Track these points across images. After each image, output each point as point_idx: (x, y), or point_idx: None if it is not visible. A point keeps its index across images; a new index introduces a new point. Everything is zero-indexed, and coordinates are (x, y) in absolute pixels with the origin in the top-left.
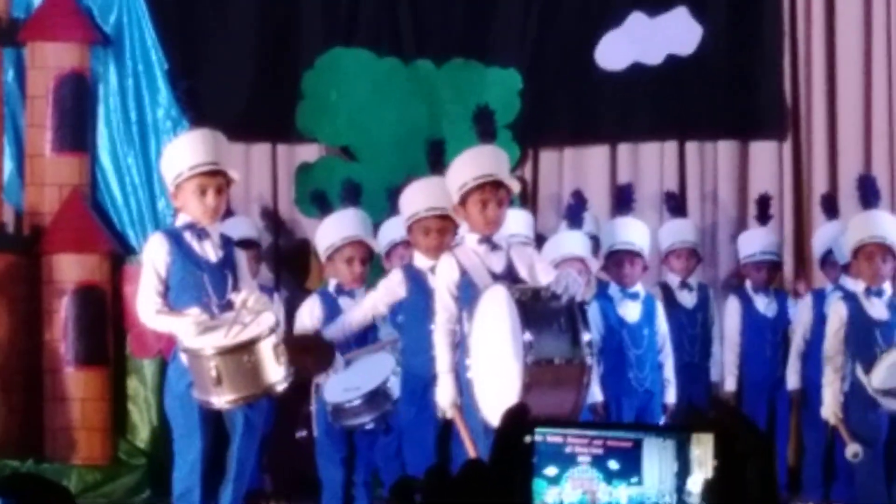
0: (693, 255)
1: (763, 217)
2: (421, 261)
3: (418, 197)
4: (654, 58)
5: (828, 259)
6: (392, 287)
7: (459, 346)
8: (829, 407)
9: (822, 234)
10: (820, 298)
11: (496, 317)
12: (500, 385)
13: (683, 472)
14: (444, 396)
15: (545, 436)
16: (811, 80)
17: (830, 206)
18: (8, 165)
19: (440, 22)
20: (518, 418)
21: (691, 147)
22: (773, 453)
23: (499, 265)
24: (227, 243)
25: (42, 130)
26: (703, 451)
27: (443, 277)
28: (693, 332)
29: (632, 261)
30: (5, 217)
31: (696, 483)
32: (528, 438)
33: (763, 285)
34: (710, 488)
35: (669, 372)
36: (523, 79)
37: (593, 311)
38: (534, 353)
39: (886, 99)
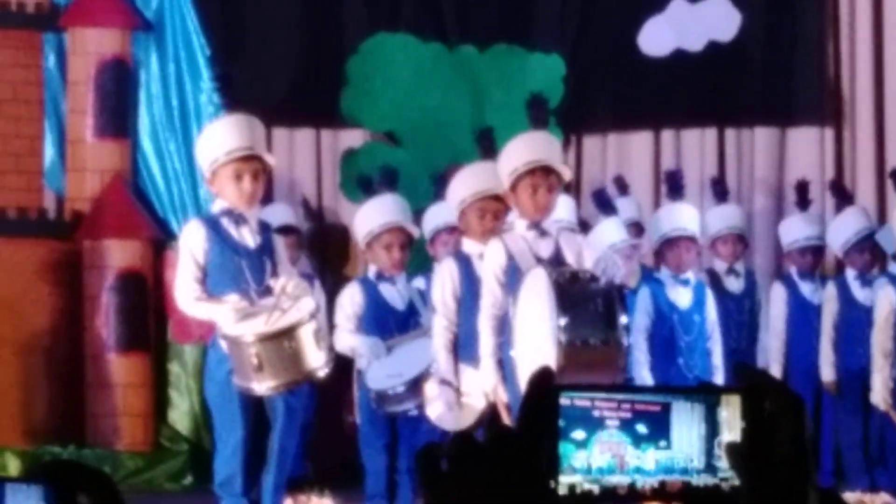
0: (740, 241)
1: (803, 203)
2: (469, 246)
3: (471, 181)
4: (695, 44)
5: (855, 247)
6: (452, 278)
7: (505, 327)
8: (879, 393)
9: (845, 222)
10: (845, 286)
11: (536, 298)
12: (538, 366)
13: (712, 434)
14: (486, 380)
15: (573, 399)
16: (855, 65)
17: (842, 195)
18: (49, 151)
19: (483, 6)
20: (543, 383)
21: (730, 133)
22: (804, 412)
23: (546, 251)
24: (265, 229)
25: (83, 116)
26: (731, 413)
27: (490, 263)
28: (740, 319)
29: (688, 247)
30: (47, 202)
31: (723, 447)
32: (554, 401)
33: (809, 271)
34: (738, 450)
35: (718, 359)
36: (566, 64)
37: (644, 297)
38: (569, 334)
39: None
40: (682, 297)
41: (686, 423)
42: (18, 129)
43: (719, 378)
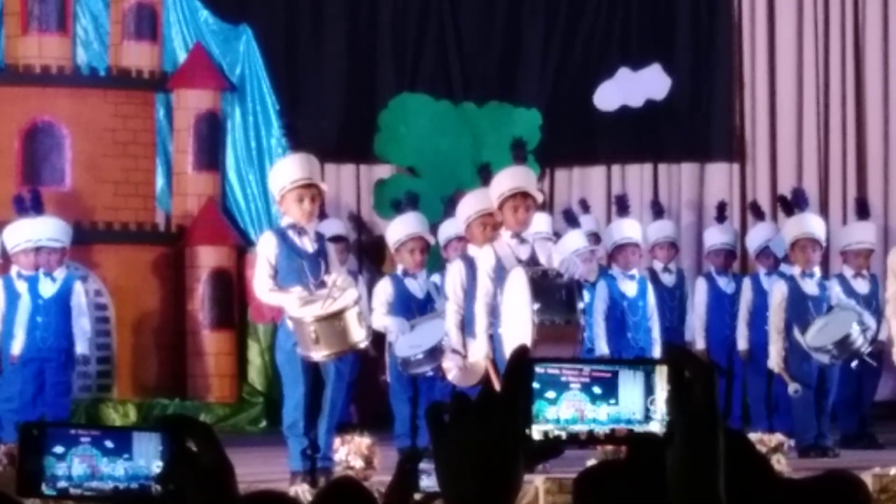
0: (672, 247)
1: (720, 217)
2: (473, 250)
3: (475, 203)
4: (636, 101)
5: (763, 251)
6: (460, 275)
7: (495, 312)
8: (774, 359)
9: (757, 233)
10: (756, 280)
11: (517, 290)
12: (518, 340)
13: (648, 394)
14: (480, 351)
15: (546, 368)
16: (756, 116)
17: (757, 213)
18: (160, 181)
19: (481, 74)
20: (521, 357)
21: (662, 168)
22: (714, 377)
23: (524, 254)
24: (320, 238)
25: (185, 154)
26: (661, 379)
27: (483, 263)
28: (672, 305)
29: (633, 251)
30: (158, 219)
31: (656, 403)
32: (529, 371)
33: (724, 269)
34: (666, 407)
35: (656, 333)
36: (542, 116)
37: (601, 288)
38: (540, 316)
39: (815, 130)
40: (629, 288)
41: (629, 386)
42: (137, 164)
43: (657, 348)
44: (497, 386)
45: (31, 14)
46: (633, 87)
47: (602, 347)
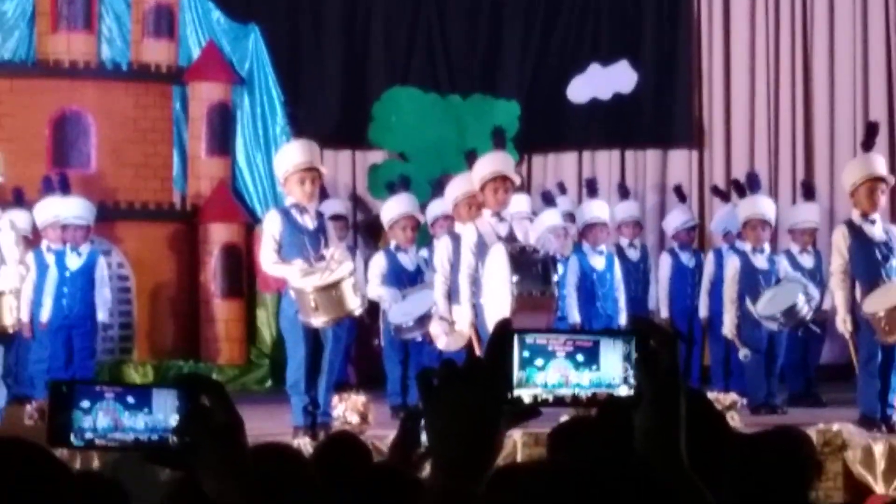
0: (637, 225)
1: (681, 198)
2: (459, 228)
3: (462, 185)
4: (605, 94)
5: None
6: (447, 250)
7: (477, 284)
8: (727, 326)
9: (721, 216)
10: (719, 255)
11: (497, 264)
12: (499, 309)
13: (626, 362)
14: (464, 318)
15: (535, 339)
16: (712, 108)
17: (721, 195)
18: (176, 164)
19: (465, 69)
20: (504, 328)
21: (629, 154)
22: (676, 344)
23: (503, 231)
24: (319, 216)
25: (199, 141)
26: (633, 347)
27: (466, 239)
28: (637, 277)
29: (602, 229)
30: (174, 199)
31: (631, 369)
32: (510, 341)
33: (687, 244)
34: (636, 372)
35: (622, 303)
36: (521, 107)
37: (573, 263)
38: (518, 287)
39: (766, 119)
40: (598, 262)
41: (609, 355)
42: (155, 150)
43: (623, 316)
44: (479, 350)
45: (60, 13)
46: (602, 82)
47: (574, 316)
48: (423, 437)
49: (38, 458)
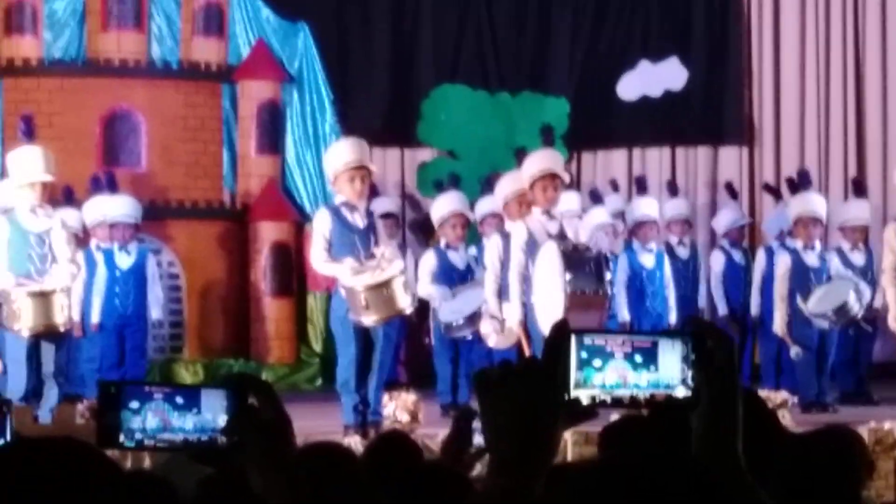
0: (686, 223)
1: (733, 195)
2: (510, 226)
3: (512, 183)
4: (655, 91)
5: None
6: (497, 249)
7: (527, 282)
8: (778, 324)
9: (774, 217)
10: (769, 253)
11: (549, 263)
12: (550, 308)
13: (685, 363)
14: (514, 317)
15: (594, 339)
16: (763, 105)
17: (774, 193)
18: (226, 163)
19: (515, 66)
20: (561, 329)
21: (680, 151)
22: (733, 346)
23: (554, 229)
24: (369, 214)
25: (248, 139)
26: (691, 348)
27: (516, 237)
28: (686, 275)
29: (651, 227)
30: (224, 197)
31: (690, 370)
32: (567, 342)
33: (738, 242)
34: (694, 374)
35: (672, 301)
36: (570, 105)
37: (623, 260)
38: (571, 286)
39: (816, 116)
40: (648, 260)
41: (668, 355)
42: (205, 148)
43: (673, 315)
44: (527, 348)
45: (110, 12)
46: (652, 78)
47: (623, 314)
48: (476, 437)
49: (88, 457)
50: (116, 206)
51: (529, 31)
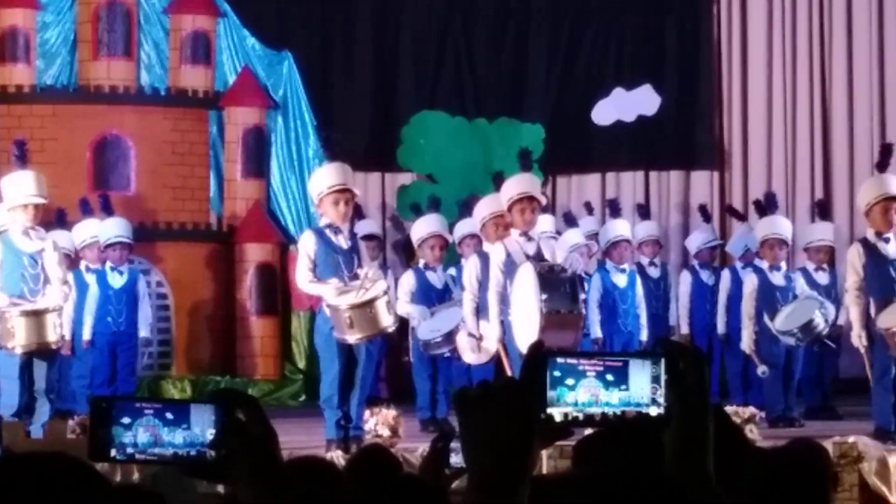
0: (657, 244)
1: (705, 217)
2: (487, 247)
3: (489, 206)
4: (629, 117)
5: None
6: (475, 269)
7: (505, 301)
8: (745, 342)
9: (738, 236)
10: (734, 272)
11: (526, 283)
12: (527, 326)
13: (654, 382)
14: (492, 334)
15: (566, 359)
16: (732, 131)
17: (736, 215)
18: (213, 186)
19: (492, 93)
20: (537, 350)
21: (653, 175)
22: (705, 365)
23: (531, 250)
24: (353, 236)
25: (234, 164)
26: (662, 369)
27: (495, 258)
28: (658, 294)
29: (624, 247)
30: (211, 220)
31: (661, 390)
32: (543, 363)
33: (709, 263)
34: (666, 392)
35: (643, 319)
36: (545, 130)
37: (596, 280)
38: (547, 305)
39: (783, 141)
40: (620, 280)
41: (638, 375)
42: (193, 172)
43: (644, 332)
44: (506, 364)
45: (100, 41)
46: (626, 105)
47: (596, 331)
48: (453, 457)
49: (79, 471)
50: (109, 228)
51: (506, 60)
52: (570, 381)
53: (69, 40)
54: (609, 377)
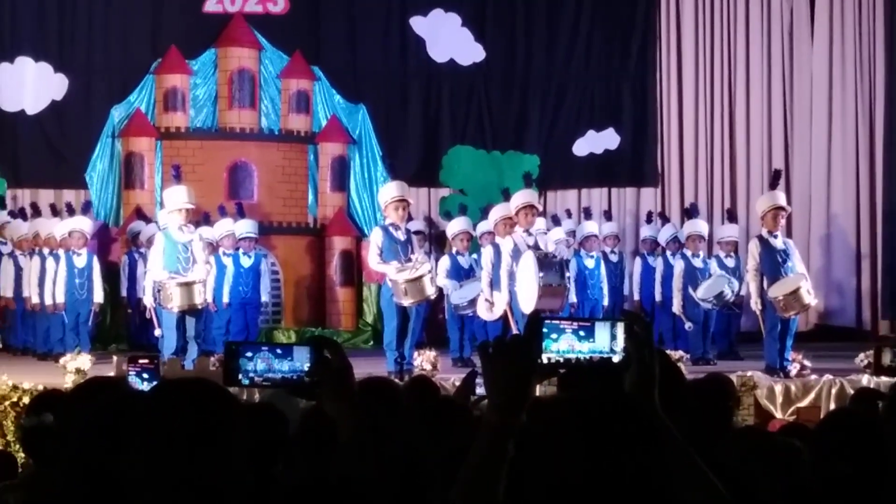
0: (616, 238)
1: (649, 220)
2: (499, 240)
3: (501, 211)
4: (599, 150)
5: (671, 241)
6: (490, 255)
7: (512, 277)
8: (676, 306)
9: (666, 230)
10: (665, 259)
11: (528, 265)
12: (528, 295)
13: (612, 338)
14: (502, 300)
15: (552, 321)
16: (670, 160)
17: (663, 218)
18: (310, 198)
19: (503, 133)
20: (536, 316)
21: (615, 191)
22: (650, 328)
23: (531, 242)
24: (407, 232)
25: (325, 182)
26: (619, 329)
27: (505, 247)
28: (616, 273)
29: (593, 240)
30: (309, 220)
31: (617, 343)
32: (540, 324)
33: (651, 252)
34: (623, 344)
35: (606, 291)
36: (540, 159)
37: (573, 263)
38: (543, 280)
39: (706, 168)
40: (590, 263)
41: (602, 332)
42: (297, 187)
43: (606, 300)
44: (511, 321)
45: (234, 97)
46: (596, 142)
47: (571, 298)
48: (478, 389)
49: (217, 392)
50: (245, 226)
51: (513, 110)
52: (554, 336)
53: (212, 96)
54: (581, 333)
